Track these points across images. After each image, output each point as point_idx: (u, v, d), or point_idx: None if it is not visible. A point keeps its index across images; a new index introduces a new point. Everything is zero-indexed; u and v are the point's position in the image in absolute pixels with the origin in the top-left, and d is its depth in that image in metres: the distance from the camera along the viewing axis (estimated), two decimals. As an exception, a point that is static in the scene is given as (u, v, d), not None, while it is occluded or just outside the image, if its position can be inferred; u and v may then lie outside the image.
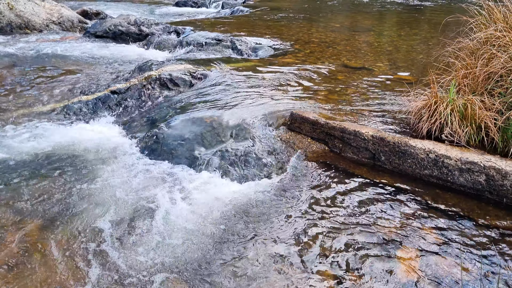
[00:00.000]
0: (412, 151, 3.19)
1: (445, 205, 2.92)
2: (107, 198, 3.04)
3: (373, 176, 3.32)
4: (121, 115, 4.46)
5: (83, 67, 6.13)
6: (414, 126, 3.46)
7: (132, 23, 8.13)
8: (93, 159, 3.59)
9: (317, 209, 2.95)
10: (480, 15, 3.99)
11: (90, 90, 5.00)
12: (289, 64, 5.68)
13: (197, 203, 3.04)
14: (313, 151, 3.68)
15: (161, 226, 2.78)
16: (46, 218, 2.83)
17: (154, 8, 14.56)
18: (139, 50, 7.28)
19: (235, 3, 13.99)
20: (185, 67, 5.07)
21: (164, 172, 3.39)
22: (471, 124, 3.13)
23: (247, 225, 2.82)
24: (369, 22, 9.50)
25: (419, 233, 2.68)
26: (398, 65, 5.63)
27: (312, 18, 9.69)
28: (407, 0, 13.60)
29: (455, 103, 3.17)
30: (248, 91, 4.61)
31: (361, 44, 6.90)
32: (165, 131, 3.77)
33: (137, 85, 4.73)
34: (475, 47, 3.81)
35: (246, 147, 3.56)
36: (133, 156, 3.63)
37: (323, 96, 4.44)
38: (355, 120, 3.80)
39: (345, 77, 5.11)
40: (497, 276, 2.31)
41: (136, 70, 5.47)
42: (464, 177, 3.00)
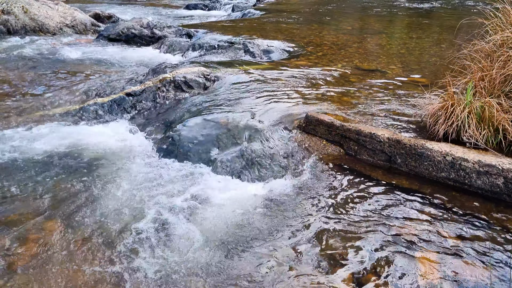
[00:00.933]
0: (429, 153, 3.19)
1: (463, 208, 2.91)
2: (126, 199, 3.08)
3: (389, 178, 3.32)
4: (136, 117, 4.50)
5: (97, 70, 6.19)
6: (430, 129, 3.45)
7: (145, 26, 8.20)
8: (111, 160, 3.63)
9: (334, 212, 2.96)
10: (495, 17, 3.98)
11: (105, 92, 5.05)
12: (302, 66, 5.69)
13: (215, 205, 3.06)
14: (328, 153, 3.69)
15: (183, 227, 2.80)
16: (68, 219, 2.87)
17: (165, 11, 14.66)
18: (152, 52, 7.34)
19: (246, 6, 14.04)
20: (199, 69, 5.11)
21: (181, 174, 3.42)
22: (488, 127, 3.12)
23: (266, 227, 2.83)
24: (380, 25, 9.49)
25: (438, 235, 2.68)
26: (412, 67, 5.62)
27: (322, 21, 9.70)
28: (416, 3, 13.56)
29: (472, 106, 3.16)
30: (261, 93, 4.63)
31: (373, 47, 6.90)
32: (181, 133, 3.80)
33: (152, 88, 4.77)
34: (490, 50, 3.80)
35: (262, 149, 3.58)
36: (150, 158, 3.66)
37: (337, 98, 4.45)
38: (370, 123, 3.81)
39: (358, 79, 5.11)
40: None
41: (150, 73, 5.52)
42: (481, 180, 2.99)
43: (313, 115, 3.85)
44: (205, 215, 2.94)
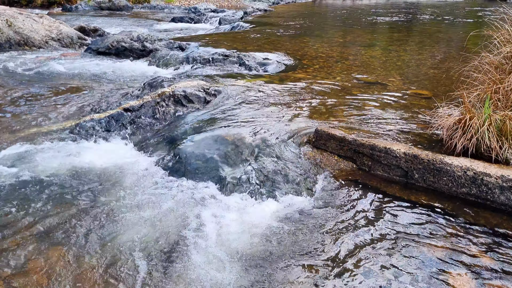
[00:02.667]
0: (448, 168, 3.10)
1: (488, 225, 2.82)
2: (133, 222, 2.89)
3: (407, 194, 3.21)
4: (136, 133, 4.32)
5: (89, 84, 5.99)
6: (447, 143, 3.37)
7: (135, 39, 8.03)
8: (115, 180, 3.44)
9: (351, 230, 2.84)
10: (502, 29, 3.95)
11: (101, 108, 4.86)
12: (302, 79, 5.60)
13: (228, 226, 2.90)
14: (341, 169, 3.58)
15: (193, 252, 2.64)
16: (73, 246, 2.67)
17: (151, 24, 14.48)
18: (144, 66, 7.16)
19: (233, 19, 13.98)
20: (199, 83, 4.97)
21: (191, 193, 3.25)
22: (508, 140, 3.05)
23: (281, 248, 2.69)
24: (372, 37, 9.51)
25: (465, 253, 2.57)
26: (411, 79, 5.58)
27: (313, 33, 9.68)
28: (398, 16, 13.72)
29: (491, 118, 3.09)
30: (265, 107, 4.51)
31: (369, 59, 6.87)
32: (187, 150, 3.64)
33: (151, 102, 4.61)
34: (499, 62, 3.76)
35: (273, 166, 3.45)
36: (155, 176, 3.48)
37: (342, 112, 4.36)
38: (381, 137, 3.71)
39: (361, 92, 5.04)
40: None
41: (146, 87, 5.35)
42: (505, 196, 2.91)
43: (323, 130, 3.74)
44: (220, 238, 2.77)
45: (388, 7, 17.04)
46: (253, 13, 14.74)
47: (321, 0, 21.81)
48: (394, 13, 14.67)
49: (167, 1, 22.05)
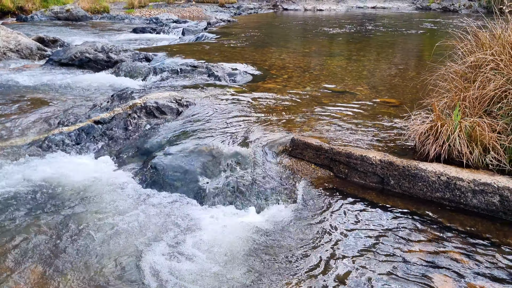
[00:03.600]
0: (423, 174, 3.20)
1: (462, 228, 2.93)
2: (108, 237, 2.82)
3: (384, 200, 3.29)
4: (108, 146, 4.22)
5: (54, 97, 5.81)
6: (419, 150, 3.48)
7: (99, 50, 7.87)
8: (88, 194, 3.34)
9: (332, 237, 2.87)
10: (464, 40, 4.14)
11: (69, 121, 4.72)
12: (272, 89, 5.66)
13: (208, 238, 2.87)
14: (318, 177, 3.62)
15: (171, 265, 2.59)
16: (46, 265, 2.57)
17: (112, 35, 14.23)
18: (110, 77, 7.02)
19: (196, 29, 13.94)
20: (170, 94, 4.92)
21: (169, 206, 3.20)
22: (477, 146, 3.19)
23: (262, 258, 2.68)
24: (336, 47, 9.74)
25: (443, 256, 2.65)
26: (378, 88, 5.75)
27: (279, 43, 9.81)
28: (358, 26, 14.12)
29: (461, 125, 3.23)
30: (239, 117, 4.52)
31: (336, 69, 7.02)
32: (164, 162, 3.59)
33: (122, 114, 4.52)
34: (463, 71, 3.94)
35: (251, 176, 3.45)
36: (132, 189, 3.41)
37: (316, 121, 4.43)
38: (356, 144, 3.80)
39: (331, 101, 5.14)
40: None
41: (115, 99, 5.25)
42: (477, 199, 3.03)
43: (300, 139, 3.78)
44: (199, 251, 2.74)
45: (347, 18, 17.52)
46: (216, 24, 14.77)
47: (283, 11, 22.14)
48: (354, 23, 15.09)
49: (127, 11, 21.76)
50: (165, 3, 25.32)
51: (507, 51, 3.60)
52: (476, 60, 3.77)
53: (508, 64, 3.46)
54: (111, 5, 23.23)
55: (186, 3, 25.25)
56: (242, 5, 24.09)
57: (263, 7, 23.58)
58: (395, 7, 23.25)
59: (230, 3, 24.86)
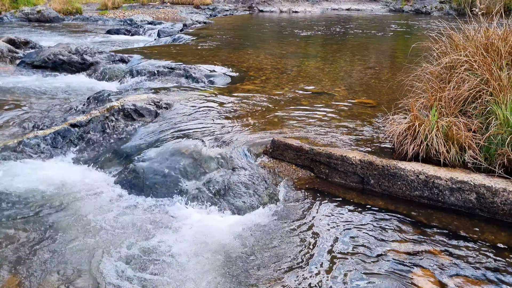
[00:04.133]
0: (402, 173, 3.26)
1: (441, 225, 2.99)
2: (94, 243, 2.77)
3: (364, 200, 3.34)
4: (85, 150, 4.14)
5: (27, 100, 5.67)
6: (398, 149, 3.54)
7: (73, 52, 7.72)
8: (65, 200, 3.27)
9: (313, 237, 2.89)
10: (439, 41, 4.24)
11: (44, 124, 4.62)
12: (250, 91, 5.66)
13: (190, 240, 2.85)
14: (299, 178, 3.65)
15: (153, 269, 2.57)
16: (23, 274, 2.50)
17: (85, 36, 13.99)
18: (85, 80, 6.90)
19: (172, 31, 13.82)
20: (148, 96, 4.87)
21: (151, 209, 3.17)
22: (454, 145, 3.27)
23: (245, 260, 2.68)
24: (312, 48, 9.82)
25: (424, 253, 2.70)
26: (355, 89, 5.82)
27: (256, 45, 9.83)
28: (333, 28, 14.29)
29: (438, 125, 3.30)
30: (218, 119, 4.50)
31: (313, 70, 7.08)
32: (144, 165, 3.55)
33: (99, 117, 4.44)
34: (438, 72, 4.02)
35: (232, 178, 3.44)
36: (111, 193, 3.36)
37: (295, 122, 4.45)
38: (336, 145, 3.83)
39: (310, 102, 5.18)
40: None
41: (91, 101, 5.16)
42: (455, 196, 3.10)
43: (280, 140, 3.80)
44: (180, 252, 2.72)
45: (322, 20, 17.69)
46: (192, 25, 14.67)
47: (258, 12, 22.20)
48: (329, 25, 15.25)
49: (100, 12, 21.40)
50: (139, 5, 25.03)
51: (480, 52, 3.70)
52: (450, 61, 3.86)
53: (481, 65, 3.56)
54: (84, 6, 22.82)
55: (161, 4, 25.02)
56: (217, 6, 24.04)
57: (239, 9, 23.60)
58: (369, 9, 23.61)
59: (205, 4, 24.76)
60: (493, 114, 3.29)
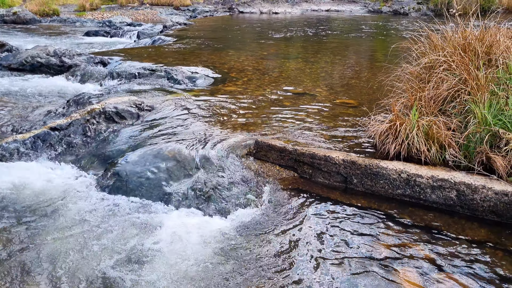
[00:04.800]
0: (384, 172, 3.31)
1: (423, 222, 3.04)
2: (70, 247, 2.73)
3: (348, 199, 3.37)
4: (66, 154, 4.08)
5: (5, 103, 5.56)
6: (380, 148, 3.59)
7: (51, 54, 7.60)
8: (47, 206, 3.22)
9: (299, 237, 2.91)
10: (418, 42, 4.31)
11: (23, 128, 4.54)
12: (233, 92, 5.66)
13: (175, 244, 2.83)
14: (283, 178, 3.66)
15: (136, 274, 2.55)
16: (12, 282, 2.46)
17: (63, 38, 13.79)
18: (64, 82, 6.79)
19: (152, 33, 13.73)
20: (130, 98, 4.83)
21: (134, 213, 3.14)
22: (434, 144, 3.33)
23: (229, 264, 2.68)
24: (293, 49, 9.87)
25: (407, 250, 2.75)
26: (337, 90, 5.87)
27: (236, 46, 9.83)
28: (313, 29, 14.39)
29: (419, 124, 3.35)
30: (200, 121, 4.49)
31: (295, 71, 7.12)
32: (127, 168, 3.52)
33: (80, 120, 4.39)
34: (418, 72, 4.10)
35: (217, 180, 3.44)
36: (94, 197, 3.32)
37: (278, 122, 4.47)
38: (319, 145, 3.86)
39: (292, 103, 5.20)
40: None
41: (71, 104, 5.09)
42: (436, 194, 3.16)
43: (263, 141, 3.81)
44: (167, 257, 2.70)
45: (302, 21, 17.80)
46: (173, 27, 14.59)
47: (238, 14, 22.21)
48: (310, 26, 15.35)
49: (78, 14, 21.12)
50: (118, 6, 24.79)
51: (458, 53, 3.77)
52: (430, 61, 3.94)
53: (459, 65, 3.64)
54: (61, 8, 22.48)
55: (140, 6, 24.83)
56: (197, 8, 23.96)
57: (219, 10, 23.57)
58: (348, 10, 23.86)
59: (185, 6, 24.66)
60: (472, 113, 3.36)
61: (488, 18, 4.08)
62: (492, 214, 3.00)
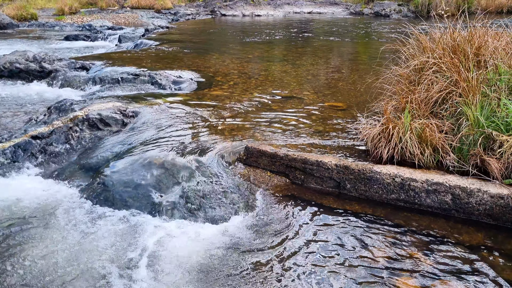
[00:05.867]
0: (378, 176, 3.25)
1: (419, 227, 2.99)
2: (54, 263, 2.60)
3: (341, 204, 3.31)
4: (49, 163, 3.93)
5: (-18, 111, 5.37)
6: (372, 152, 3.54)
7: (31, 59, 7.39)
8: (29, 217, 3.07)
9: (292, 245, 2.84)
10: (406, 44, 4.28)
11: (3, 137, 4.36)
12: (219, 96, 5.57)
13: (165, 255, 2.73)
14: (274, 184, 3.58)
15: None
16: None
17: (42, 43, 13.48)
18: (44, 89, 6.61)
19: (134, 36, 13.51)
20: (114, 105, 4.69)
21: (122, 224, 3.02)
22: (427, 147, 3.28)
23: (221, 274, 2.59)
24: (278, 52, 9.81)
25: (404, 256, 2.69)
26: (324, 92, 5.82)
27: (221, 49, 9.73)
28: (297, 31, 14.39)
29: (412, 127, 3.31)
30: (188, 127, 4.38)
31: (280, 74, 7.05)
32: (113, 177, 3.39)
33: (62, 128, 4.24)
34: (408, 75, 4.06)
35: (207, 188, 3.34)
36: (79, 208, 3.19)
37: (268, 127, 4.39)
38: (310, 150, 3.80)
39: (280, 107, 5.13)
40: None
41: (53, 111, 4.93)
42: (431, 198, 3.11)
43: (253, 147, 3.72)
44: (156, 268, 2.60)
45: (285, 23, 17.78)
46: (155, 30, 14.38)
47: (221, 16, 22.09)
48: (293, 28, 15.34)
49: (57, 18, 20.71)
50: (98, 9, 24.43)
51: (447, 54, 3.75)
52: (419, 63, 3.90)
53: (450, 67, 3.61)
54: (39, 12, 22.05)
55: (120, 9, 24.51)
56: (179, 11, 23.76)
57: (201, 13, 23.41)
58: (330, 12, 23.95)
59: (167, 9, 24.42)
60: (464, 115, 3.33)
61: (471, 20, 4.06)
62: (488, 217, 2.97)
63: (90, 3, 25.96)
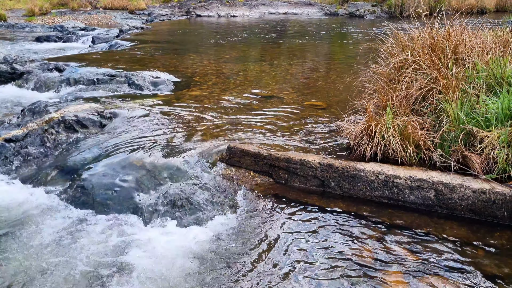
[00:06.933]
0: (362, 174, 3.25)
1: (403, 224, 3.00)
2: (32, 271, 2.50)
3: (326, 203, 3.30)
4: (24, 167, 3.80)
5: (-49, 114, 5.16)
6: (355, 150, 3.54)
7: (1, 61, 7.16)
8: (4, 223, 2.95)
9: (274, 245, 2.81)
10: (386, 43, 4.31)
11: (-26, 141, 4.19)
12: (198, 97, 5.50)
13: (148, 258, 2.67)
14: (258, 184, 3.55)
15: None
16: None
17: (14, 45, 13.10)
18: (17, 91, 6.41)
19: (108, 37, 13.27)
20: (91, 106, 4.57)
21: (103, 228, 2.93)
22: (410, 144, 3.31)
23: (206, 275, 2.54)
24: (255, 52, 9.79)
25: (390, 253, 2.70)
26: (303, 92, 5.83)
27: (198, 50, 9.64)
28: (273, 32, 14.42)
29: (394, 124, 3.33)
30: (168, 127, 4.31)
31: (259, 74, 7.03)
32: (92, 180, 3.30)
33: (37, 130, 4.10)
34: (388, 73, 4.09)
35: (190, 188, 3.28)
36: (57, 213, 3.08)
37: (249, 127, 4.35)
38: (294, 149, 3.78)
39: (260, 106, 5.10)
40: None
41: (27, 114, 4.77)
42: (414, 195, 3.13)
43: (236, 146, 3.68)
44: (140, 271, 2.53)
45: (261, 24, 17.79)
46: (129, 31, 14.16)
47: (196, 17, 21.94)
48: (269, 28, 15.35)
49: (27, 19, 20.17)
50: (70, 10, 23.92)
51: (427, 52, 3.79)
52: (399, 61, 3.93)
53: (430, 64, 3.65)
54: (8, 13, 21.44)
55: (93, 10, 24.07)
56: (153, 12, 23.48)
57: (176, 13, 23.19)
58: (305, 13, 24.09)
59: (140, 9, 24.10)
60: (444, 112, 3.37)
61: (444, 20, 4.11)
62: (471, 212, 3.01)
63: (62, 4, 25.39)
